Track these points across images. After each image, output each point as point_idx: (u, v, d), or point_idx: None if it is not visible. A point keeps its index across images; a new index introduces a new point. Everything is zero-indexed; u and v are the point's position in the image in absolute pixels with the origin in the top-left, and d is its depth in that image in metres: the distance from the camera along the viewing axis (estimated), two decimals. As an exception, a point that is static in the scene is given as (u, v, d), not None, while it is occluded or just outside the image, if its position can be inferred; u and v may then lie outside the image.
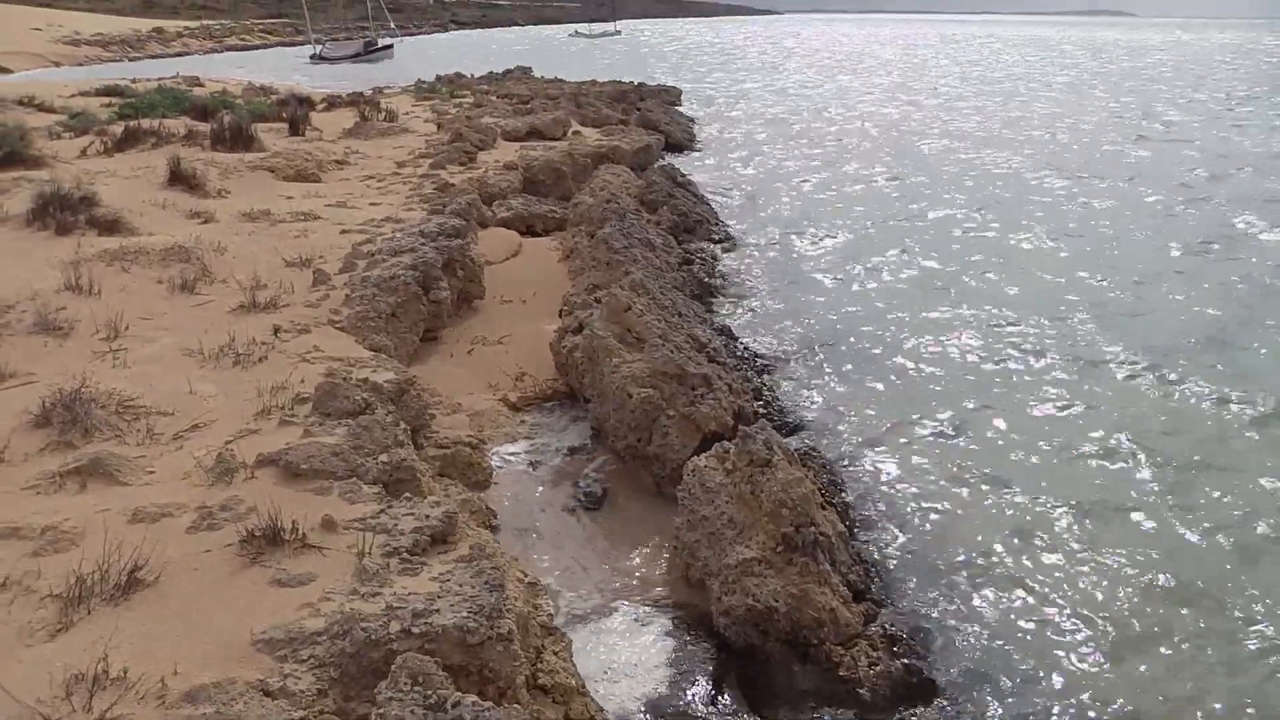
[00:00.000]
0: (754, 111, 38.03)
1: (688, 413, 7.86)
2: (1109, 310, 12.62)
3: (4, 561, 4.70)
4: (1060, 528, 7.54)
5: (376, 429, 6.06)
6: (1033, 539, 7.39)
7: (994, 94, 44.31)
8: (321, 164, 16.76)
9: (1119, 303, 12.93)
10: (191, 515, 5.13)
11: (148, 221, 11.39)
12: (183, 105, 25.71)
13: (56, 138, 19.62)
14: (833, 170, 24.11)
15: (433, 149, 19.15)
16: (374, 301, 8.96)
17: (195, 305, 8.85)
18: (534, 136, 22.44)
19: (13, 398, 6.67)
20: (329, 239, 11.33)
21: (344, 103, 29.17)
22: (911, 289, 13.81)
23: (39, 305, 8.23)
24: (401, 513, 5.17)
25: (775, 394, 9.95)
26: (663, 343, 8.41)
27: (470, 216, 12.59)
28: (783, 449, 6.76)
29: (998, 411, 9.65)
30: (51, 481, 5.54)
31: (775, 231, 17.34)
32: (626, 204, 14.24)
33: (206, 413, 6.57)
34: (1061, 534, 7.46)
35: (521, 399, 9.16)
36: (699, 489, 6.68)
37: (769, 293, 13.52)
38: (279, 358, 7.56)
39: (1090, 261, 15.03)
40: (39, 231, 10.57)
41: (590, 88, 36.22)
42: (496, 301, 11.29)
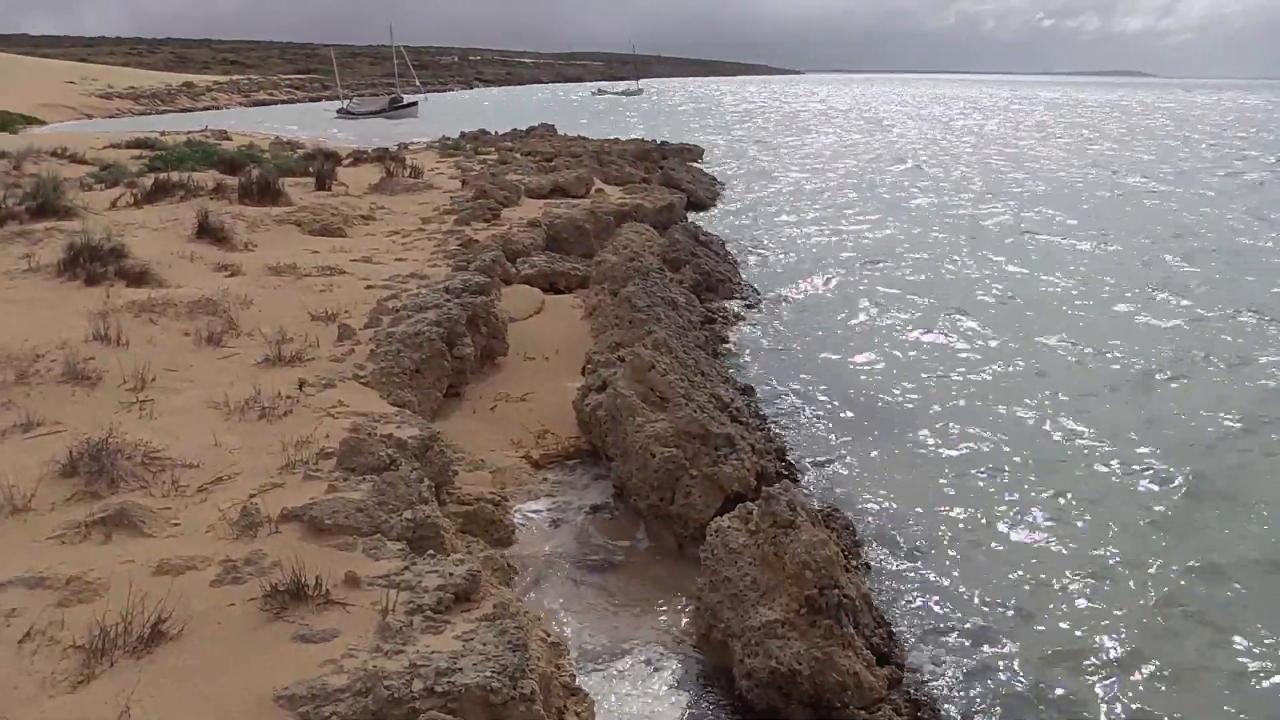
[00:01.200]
0: (776, 170, 38.22)
1: (711, 473, 7.84)
2: (1139, 368, 12.58)
3: (29, 611, 4.71)
4: (1089, 591, 7.47)
5: (401, 485, 6.07)
6: (1060, 602, 7.32)
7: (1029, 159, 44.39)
8: (347, 219, 16.90)
9: (1145, 357, 12.88)
10: (215, 569, 5.14)
11: (176, 273, 11.50)
12: (211, 159, 26.03)
13: (88, 189, 19.87)
14: (855, 229, 24.15)
15: (457, 205, 19.29)
16: (399, 357, 9.00)
17: (221, 358, 8.91)
18: (557, 194, 22.58)
19: (41, 446, 6.71)
20: (354, 294, 11.40)
21: (370, 158, 29.45)
22: (935, 348, 13.78)
23: (68, 355, 8.30)
24: (425, 570, 5.16)
25: (798, 453, 9.92)
26: (686, 402, 8.41)
27: (494, 273, 12.68)
28: (806, 510, 6.73)
29: (1024, 472, 9.60)
30: (77, 531, 5.57)
31: (798, 289, 17.37)
32: (649, 262, 14.30)
33: (231, 466, 6.59)
34: (1091, 597, 7.39)
35: (544, 456, 9.15)
36: (722, 549, 6.65)
37: (791, 351, 13.52)
38: (304, 412, 7.60)
39: (1123, 315, 15.03)
40: (69, 281, 10.68)
41: (613, 146, 36.48)
42: (520, 358, 11.33)
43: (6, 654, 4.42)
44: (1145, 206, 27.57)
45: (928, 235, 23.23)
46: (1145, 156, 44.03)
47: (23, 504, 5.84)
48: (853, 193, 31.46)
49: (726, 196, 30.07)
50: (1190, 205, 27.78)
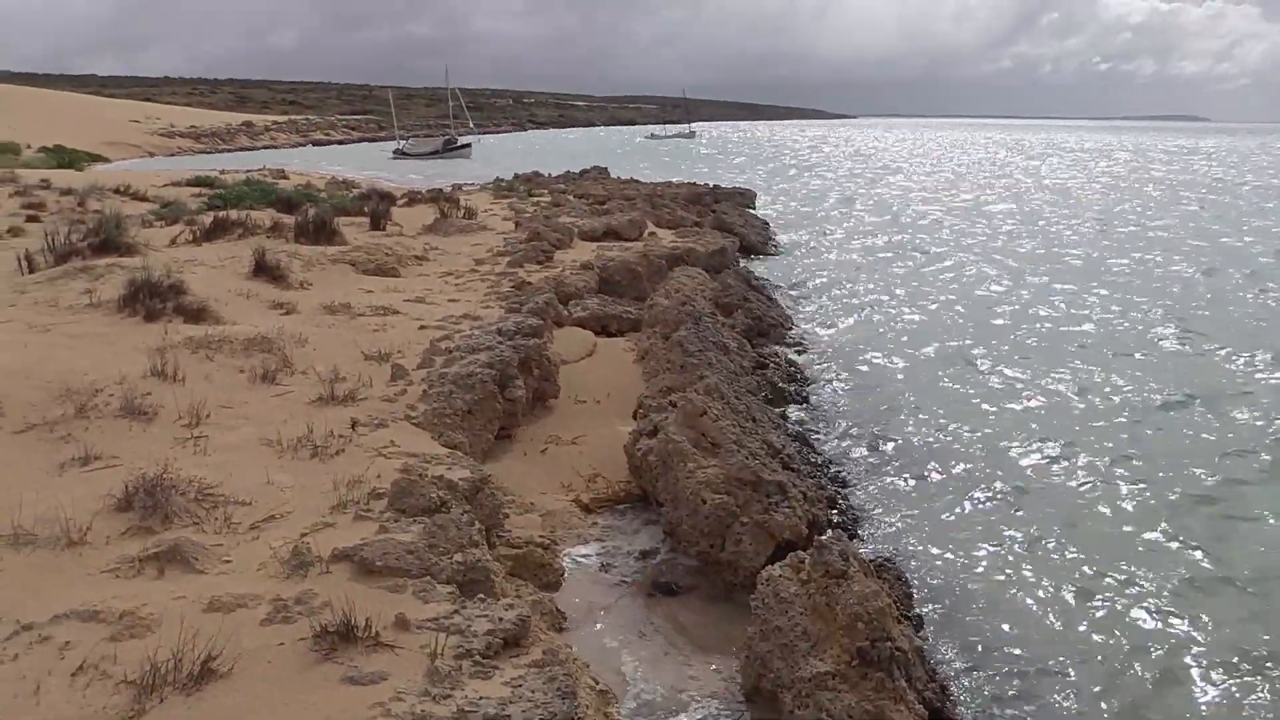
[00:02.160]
0: (829, 214, 38.24)
1: (762, 520, 7.78)
2: (1199, 415, 12.40)
3: (82, 644, 4.74)
4: (1154, 648, 7.33)
5: (451, 528, 6.06)
6: (1122, 659, 7.18)
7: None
8: (401, 259, 17.03)
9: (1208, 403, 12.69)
10: (266, 607, 5.14)
11: (232, 311, 11.62)
12: (269, 197, 26.40)
13: (148, 226, 20.20)
14: (908, 274, 24.07)
15: (510, 247, 19.40)
16: (451, 398, 9.02)
17: (275, 395, 8.98)
18: (610, 237, 22.66)
19: (97, 480, 6.79)
20: (407, 334, 11.47)
21: (424, 199, 29.72)
22: (992, 395, 13.65)
23: (126, 390, 8.39)
24: (475, 614, 5.13)
25: (850, 502, 9.84)
26: (737, 449, 8.37)
27: (547, 316, 12.71)
28: (858, 560, 6.65)
29: (1080, 521, 9.47)
30: (131, 566, 5.60)
31: (850, 335, 17.30)
32: (701, 307, 14.29)
33: (283, 504, 6.62)
34: (1157, 656, 7.25)
35: (594, 500, 9.12)
36: (773, 599, 6.58)
37: (843, 398, 13.44)
38: (356, 451, 7.62)
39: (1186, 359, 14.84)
40: (129, 317, 10.81)
41: (665, 189, 36.62)
42: (571, 401, 11.33)
43: (59, 686, 4.44)
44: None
45: (985, 278, 23.07)
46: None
47: (79, 537, 5.89)
48: (907, 236, 31.34)
49: (779, 241, 30.07)
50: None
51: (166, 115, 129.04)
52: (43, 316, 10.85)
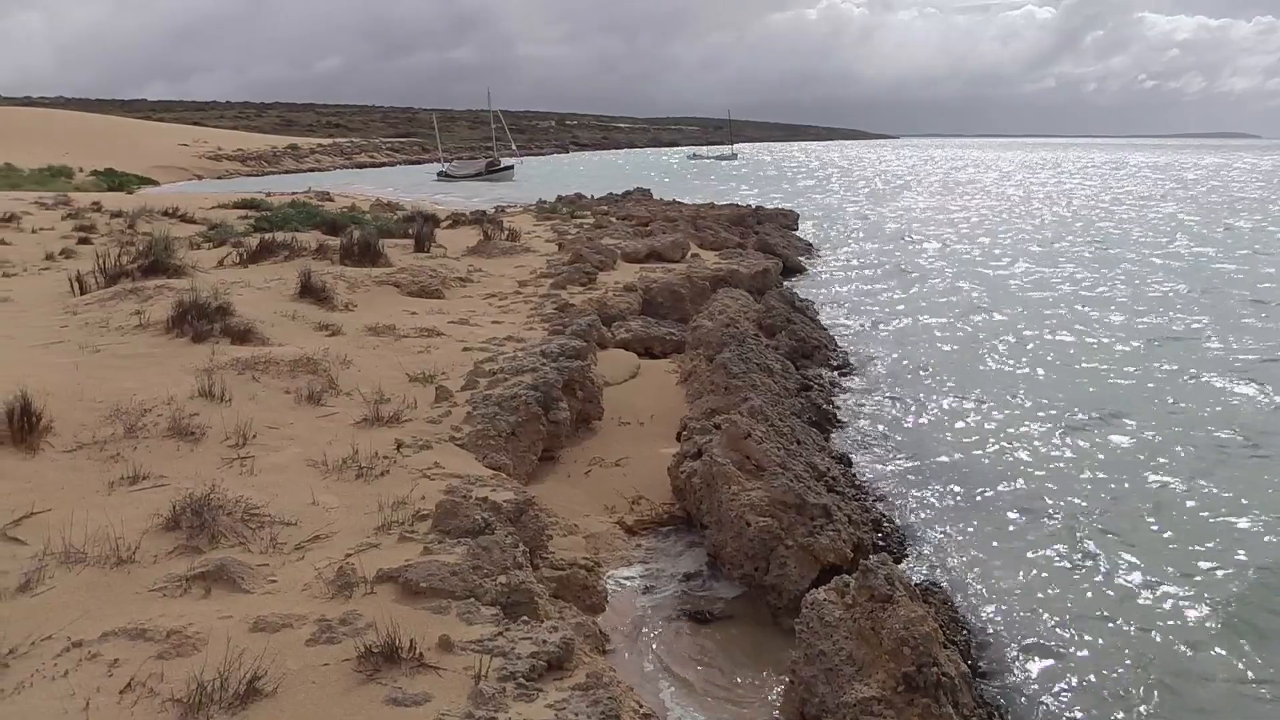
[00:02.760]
0: (872, 235, 38.10)
1: (806, 543, 7.74)
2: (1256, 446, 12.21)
3: (130, 662, 4.77)
4: (1210, 669, 7.21)
5: (496, 550, 6.06)
6: (1178, 682, 7.06)
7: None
8: (445, 281, 17.12)
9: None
10: (311, 627, 5.16)
11: (278, 332, 11.71)
12: (314, 220, 26.64)
13: (196, 248, 20.44)
14: (953, 295, 23.92)
15: (554, 269, 19.46)
16: (495, 420, 9.04)
17: (321, 416, 9.03)
18: (653, 258, 22.70)
19: (145, 500, 6.85)
20: (451, 356, 11.51)
21: (468, 221, 29.90)
22: (1039, 416, 13.51)
23: (174, 410, 8.47)
24: (519, 636, 5.13)
25: (895, 525, 9.75)
26: (782, 471, 8.33)
27: (591, 338, 12.73)
28: (904, 584, 6.59)
29: (1135, 543, 9.33)
30: (178, 585, 5.64)
31: (894, 356, 17.19)
32: (745, 328, 14.27)
33: (328, 524, 6.65)
34: (1211, 675, 7.12)
35: (638, 522, 9.10)
36: (817, 623, 6.53)
37: (888, 420, 13.36)
38: (400, 472, 7.65)
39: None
40: (177, 338, 10.93)
41: (708, 210, 36.60)
42: (614, 423, 11.33)
43: (108, 704, 4.48)
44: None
45: (1029, 303, 22.89)
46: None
47: (127, 556, 5.95)
48: (950, 257, 31.17)
49: (822, 262, 30.01)
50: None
51: (214, 139, 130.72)
52: (93, 337, 10.99)
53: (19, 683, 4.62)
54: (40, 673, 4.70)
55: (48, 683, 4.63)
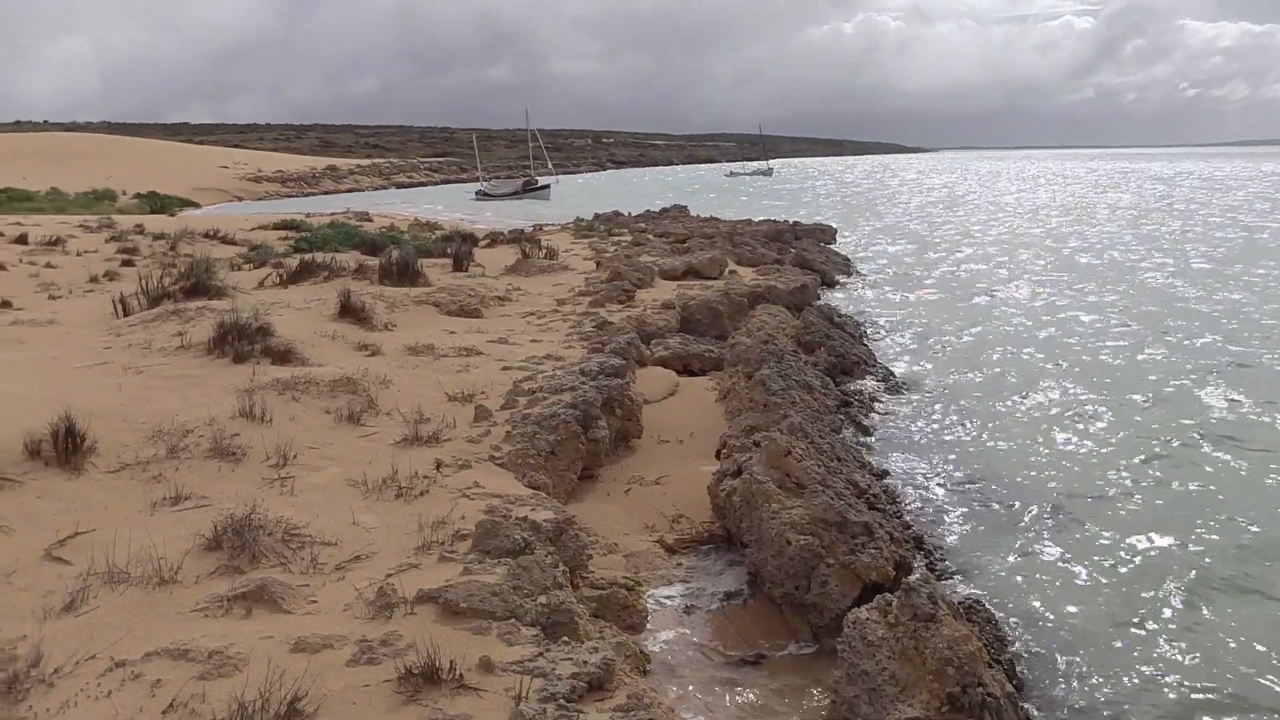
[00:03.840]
0: (911, 250, 37.93)
1: (848, 562, 7.68)
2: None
3: (172, 683, 4.80)
4: (1263, 692, 7.07)
5: (536, 570, 6.05)
6: (1231, 701, 6.94)
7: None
8: (484, 300, 17.17)
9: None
10: (351, 648, 5.17)
11: (318, 352, 11.77)
12: (353, 240, 26.83)
13: (237, 269, 20.65)
14: (994, 309, 23.75)
15: (592, 287, 19.48)
16: (534, 439, 9.05)
17: (360, 436, 9.06)
18: (691, 275, 22.68)
19: (187, 520, 6.90)
20: (490, 375, 11.53)
21: (506, 239, 30.03)
22: (1084, 430, 13.35)
23: (215, 430, 8.54)
24: (559, 657, 5.11)
25: (937, 542, 9.65)
26: (822, 489, 8.28)
27: (629, 355, 12.72)
28: (947, 603, 6.53)
29: (1188, 565, 9.16)
30: (220, 605, 5.67)
31: (936, 372, 17.07)
32: (784, 345, 14.22)
33: (368, 544, 6.66)
34: (1269, 698, 6.99)
35: (678, 541, 9.05)
36: (859, 642, 6.47)
37: (929, 436, 13.24)
38: (440, 492, 7.66)
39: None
40: (218, 359, 11.01)
41: (745, 226, 36.57)
42: (654, 441, 11.30)
43: (151, 725, 4.50)
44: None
45: (1075, 312, 22.68)
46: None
47: (170, 576, 6.00)
48: (995, 271, 30.95)
49: (861, 277, 29.87)
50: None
51: (254, 161, 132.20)
52: (136, 358, 11.10)
53: (64, 702, 4.66)
54: (84, 692, 4.74)
55: (92, 702, 4.67)
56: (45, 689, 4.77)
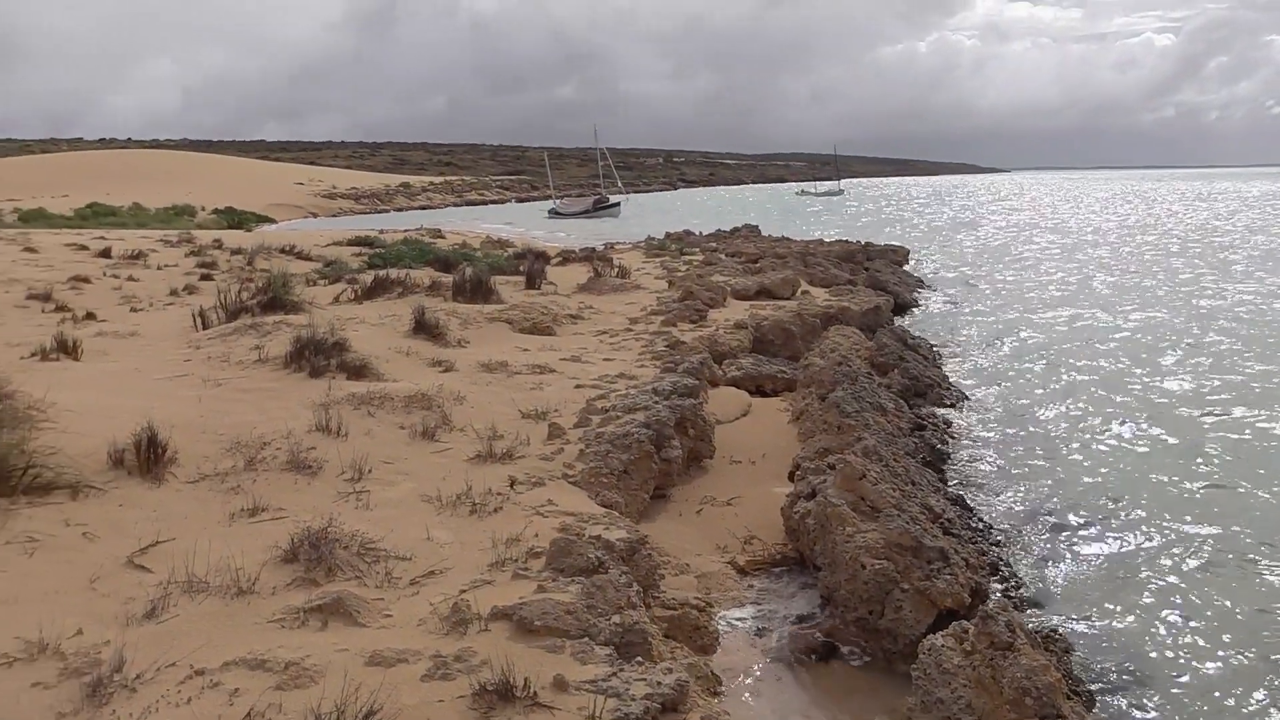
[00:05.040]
0: (985, 270, 37.55)
1: (923, 587, 7.57)
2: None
3: (250, 692, 4.85)
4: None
5: (610, 589, 6.03)
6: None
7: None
8: (556, 318, 17.23)
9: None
10: (426, 663, 5.18)
11: (392, 368, 11.88)
12: (426, 256, 27.09)
13: (312, 284, 20.92)
14: (1073, 334, 23.39)
15: (664, 306, 19.48)
16: (607, 458, 9.04)
17: (434, 452, 9.12)
18: (763, 295, 22.60)
19: (265, 531, 6.98)
20: (563, 393, 11.55)
21: (577, 258, 30.17)
22: (1164, 455, 13.09)
23: (292, 444, 8.63)
24: (633, 677, 5.08)
25: (1013, 569, 9.50)
26: (898, 513, 8.18)
27: (702, 375, 12.69)
28: (1025, 631, 6.41)
29: (1263, 596, 8.96)
30: (296, 617, 5.72)
31: (1011, 396, 16.85)
32: (858, 366, 14.11)
33: (442, 560, 6.69)
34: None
35: (750, 563, 9.00)
36: (934, 669, 6.38)
37: (1004, 461, 13.06)
38: (514, 509, 7.68)
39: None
40: (295, 373, 11.15)
41: (817, 246, 36.42)
42: (726, 461, 11.25)
43: (229, 733, 4.56)
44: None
45: (1160, 341, 22.27)
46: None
47: (247, 586, 6.07)
48: (1075, 295, 30.48)
49: (934, 299, 29.61)
50: None
51: (329, 177, 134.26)
52: (215, 371, 11.27)
53: (145, 707, 4.72)
54: (165, 699, 4.80)
55: (172, 709, 4.72)
56: (128, 694, 4.84)
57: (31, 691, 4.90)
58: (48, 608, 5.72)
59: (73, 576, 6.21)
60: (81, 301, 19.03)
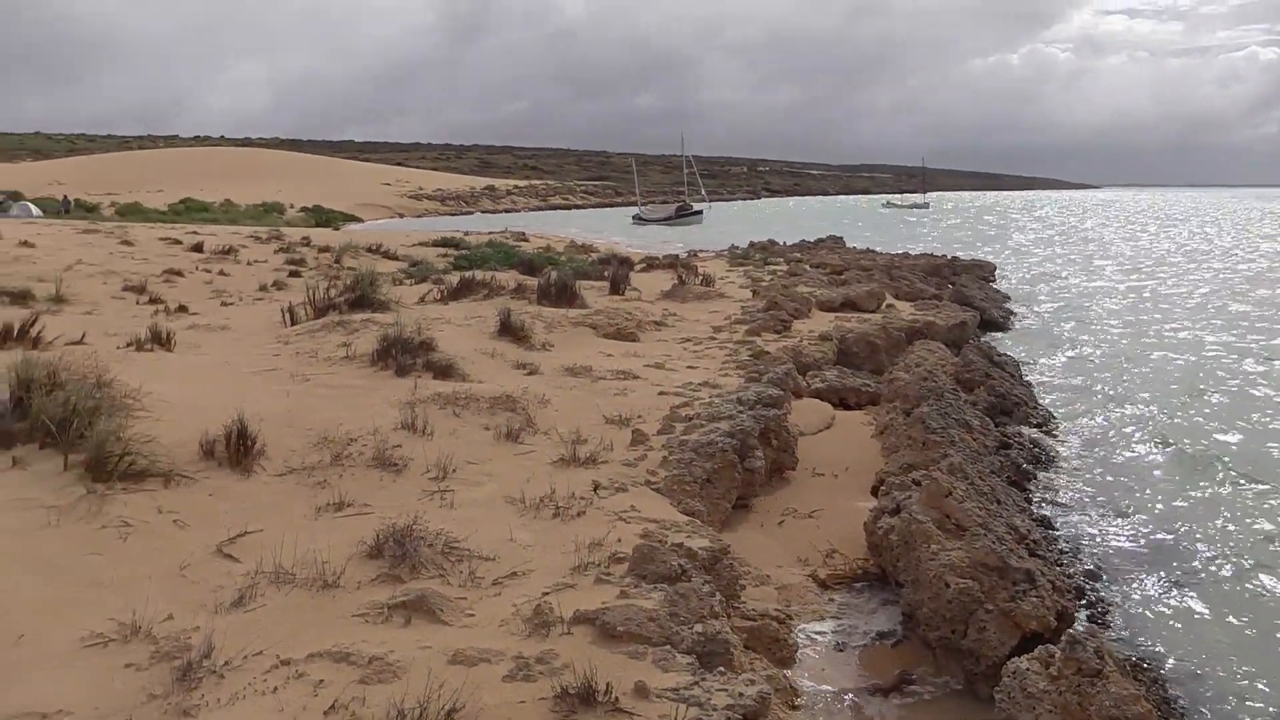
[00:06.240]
0: (1075, 288, 36.94)
1: (1008, 609, 7.44)
2: None
3: (334, 685, 4.91)
4: None
5: (693, 597, 6.01)
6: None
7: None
8: (640, 324, 17.23)
9: None
10: (508, 664, 5.19)
11: (477, 369, 11.95)
12: (511, 259, 27.31)
13: (399, 284, 21.18)
14: (1166, 356, 22.90)
15: (748, 315, 19.41)
16: (691, 466, 9.02)
17: (518, 454, 9.16)
18: (847, 308, 22.45)
19: (350, 526, 7.07)
20: (646, 399, 11.54)
21: (661, 264, 30.18)
22: (1259, 493, 12.72)
23: (378, 441, 8.73)
24: (714, 687, 5.05)
25: (1099, 594, 9.31)
26: (983, 532, 8.05)
27: (787, 386, 12.61)
28: (1114, 659, 6.28)
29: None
30: (380, 613, 5.78)
31: (1100, 417, 16.55)
32: (943, 382, 13.94)
33: (525, 562, 6.71)
34: None
35: (831, 576, 8.91)
36: (1019, 693, 6.26)
37: (1092, 483, 12.81)
38: (596, 514, 7.68)
39: None
40: (382, 371, 11.27)
41: (903, 260, 36.11)
42: (808, 473, 11.17)
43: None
44: None
45: (1261, 365, 21.72)
46: None
47: (332, 580, 6.15)
48: (1168, 314, 29.85)
49: (1021, 316, 29.19)
50: None
51: (415, 179, 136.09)
52: (303, 367, 11.42)
53: (233, 694, 4.81)
54: (251, 687, 4.88)
55: (258, 697, 4.80)
56: (215, 680, 4.93)
57: (124, 672, 5.02)
58: (140, 592, 5.85)
59: (164, 562, 6.35)
60: (174, 294, 19.47)
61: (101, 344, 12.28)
